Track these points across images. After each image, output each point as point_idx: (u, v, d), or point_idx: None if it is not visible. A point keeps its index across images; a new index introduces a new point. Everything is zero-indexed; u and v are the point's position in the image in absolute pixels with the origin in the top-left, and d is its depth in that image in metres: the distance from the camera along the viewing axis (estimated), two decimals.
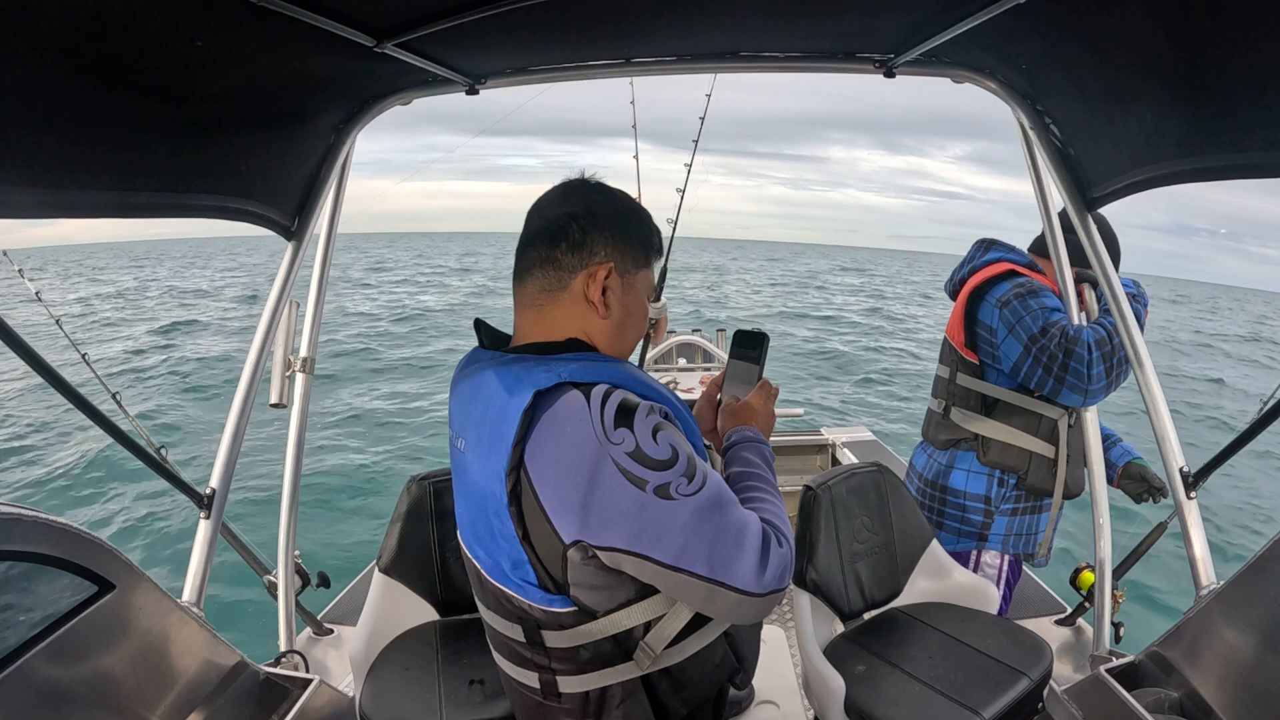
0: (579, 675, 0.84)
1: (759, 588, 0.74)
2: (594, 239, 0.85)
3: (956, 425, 1.79)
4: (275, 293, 1.62)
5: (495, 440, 0.78)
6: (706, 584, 0.73)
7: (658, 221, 0.96)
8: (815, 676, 1.42)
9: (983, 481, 1.77)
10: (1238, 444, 1.37)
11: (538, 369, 0.79)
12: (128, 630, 1.14)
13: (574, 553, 0.76)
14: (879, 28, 1.39)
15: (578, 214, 0.86)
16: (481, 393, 0.84)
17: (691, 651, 0.86)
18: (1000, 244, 1.84)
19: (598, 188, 0.90)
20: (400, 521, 1.61)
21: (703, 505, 0.74)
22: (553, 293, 0.86)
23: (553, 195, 0.90)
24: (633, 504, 0.72)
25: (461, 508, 0.92)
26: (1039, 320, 1.60)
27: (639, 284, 0.91)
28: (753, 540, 0.75)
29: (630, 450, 0.73)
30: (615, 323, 0.88)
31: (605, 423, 0.73)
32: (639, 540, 0.73)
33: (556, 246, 0.85)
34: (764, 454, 0.95)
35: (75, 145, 1.00)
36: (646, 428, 0.74)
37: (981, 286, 1.72)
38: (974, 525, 1.79)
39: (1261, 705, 1.11)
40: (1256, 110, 1.02)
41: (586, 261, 0.85)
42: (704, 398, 1.10)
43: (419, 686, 1.41)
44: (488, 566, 0.86)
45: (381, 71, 1.42)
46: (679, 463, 0.74)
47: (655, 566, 0.74)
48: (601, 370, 0.80)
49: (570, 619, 0.81)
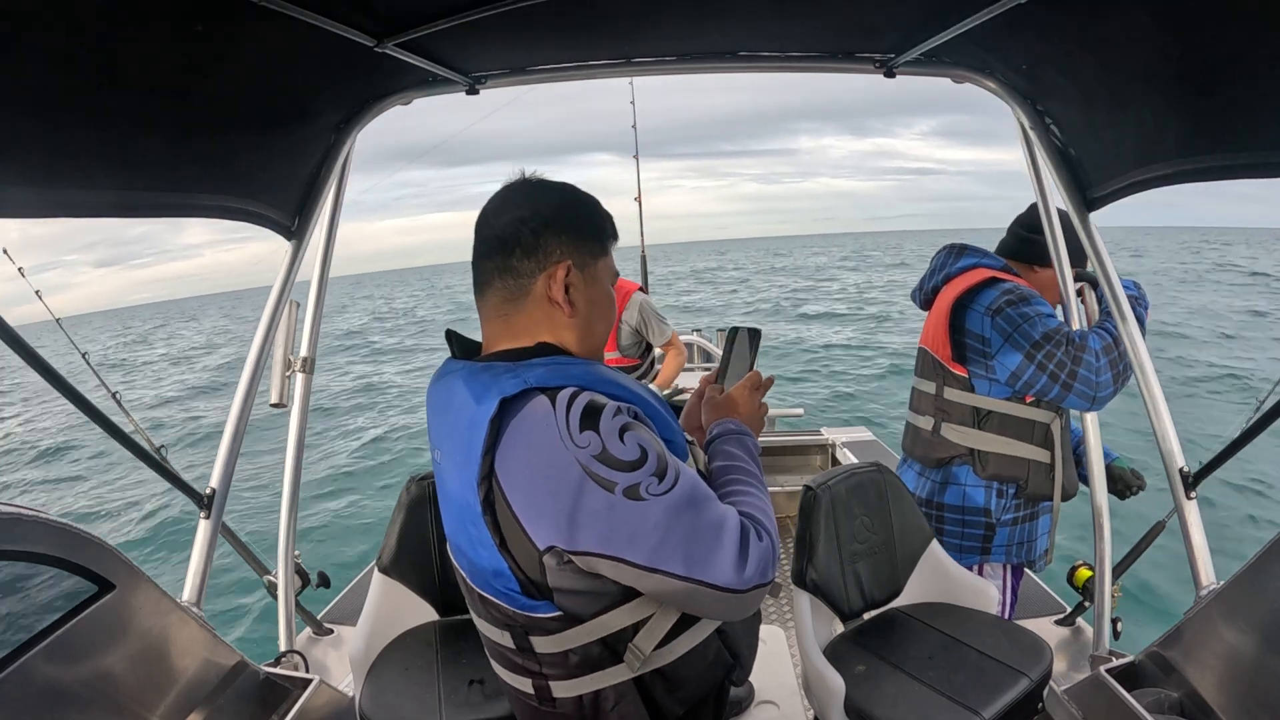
0: (571, 680, 0.84)
1: (740, 583, 0.73)
2: (546, 239, 0.84)
3: (950, 442, 1.75)
4: (275, 293, 1.62)
5: (467, 450, 0.78)
6: (685, 583, 0.73)
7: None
8: (815, 676, 1.42)
9: (980, 494, 1.74)
10: (1237, 444, 1.37)
11: (505, 376, 0.79)
12: (128, 630, 1.14)
13: (549, 558, 0.75)
14: (879, 28, 1.39)
15: (525, 217, 0.84)
16: (452, 403, 0.84)
17: (683, 651, 0.85)
18: (972, 249, 1.79)
19: (539, 185, 0.89)
20: (400, 521, 1.60)
21: (675, 504, 0.73)
22: (515, 300, 0.85)
23: (496, 202, 0.88)
24: (602, 506, 0.72)
25: (446, 518, 0.92)
26: (1038, 327, 1.55)
27: (600, 273, 0.90)
28: (730, 535, 0.74)
29: (597, 453, 0.72)
30: (583, 319, 0.87)
31: (571, 426, 0.73)
32: (611, 543, 0.72)
33: (511, 254, 0.84)
34: (746, 445, 0.94)
35: (77, 145, 1.00)
36: (613, 429, 0.74)
37: (965, 296, 1.67)
38: (975, 540, 1.76)
39: (1261, 705, 1.11)
40: (1256, 110, 1.02)
41: (544, 264, 0.84)
42: (695, 395, 1.09)
43: (419, 686, 1.41)
44: (472, 575, 0.86)
45: (381, 71, 1.42)
46: (648, 462, 0.74)
47: (630, 568, 0.73)
48: (570, 373, 0.80)
49: (556, 624, 0.81)
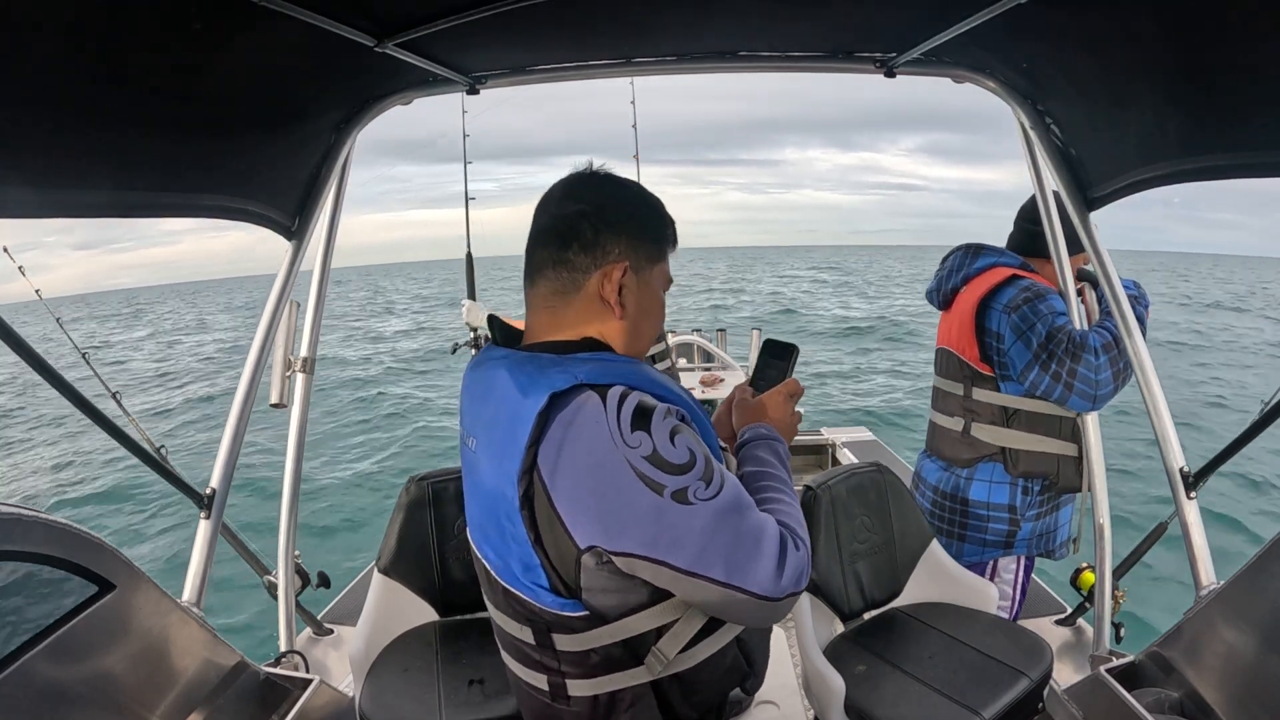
0: (589, 679, 0.83)
1: (776, 592, 0.73)
2: (606, 237, 0.82)
3: (981, 442, 1.75)
4: (275, 293, 1.62)
5: (508, 442, 0.76)
6: (723, 589, 0.72)
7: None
8: (815, 676, 1.42)
9: (1005, 491, 1.74)
10: (1237, 445, 1.37)
11: (553, 369, 0.77)
12: (128, 630, 1.14)
13: (589, 558, 0.74)
14: (879, 28, 1.39)
15: (588, 211, 0.83)
16: (494, 392, 0.82)
17: (703, 657, 0.85)
18: (989, 248, 1.81)
19: (607, 179, 0.87)
20: (399, 522, 1.60)
21: (720, 510, 0.73)
22: (566, 294, 0.84)
23: (561, 189, 0.86)
24: (650, 508, 0.71)
25: (472, 507, 0.90)
26: (1046, 325, 1.58)
27: (655, 279, 0.88)
28: (770, 544, 0.74)
29: (647, 454, 0.71)
30: (631, 322, 0.86)
31: (622, 425, 0.72)
32: (656, 546, 0.72)
33: (568, 247, 0.82)
34: (777, 451, 0.93)
35: (77, 145, 1.00)
36: (664, 430, 0.73)
37: (988, 296, 1.69)
38: (999, 535, 1.77)
39: (1261, 705, 1.11)
40: (1257, 110, 1.02)
41: (600, 261, 0.82)
42: (726, 403, 1.07)
43: (419, 687, 1.41)
44: (498, 568, 0.85)
45: (381, 71, 1.42)
46: (696, 466, 0.73)
47: (672, 572, 0.72)
48: (618, 371, 0.79)
49: (581, 623, 0.80)
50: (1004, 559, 1.82)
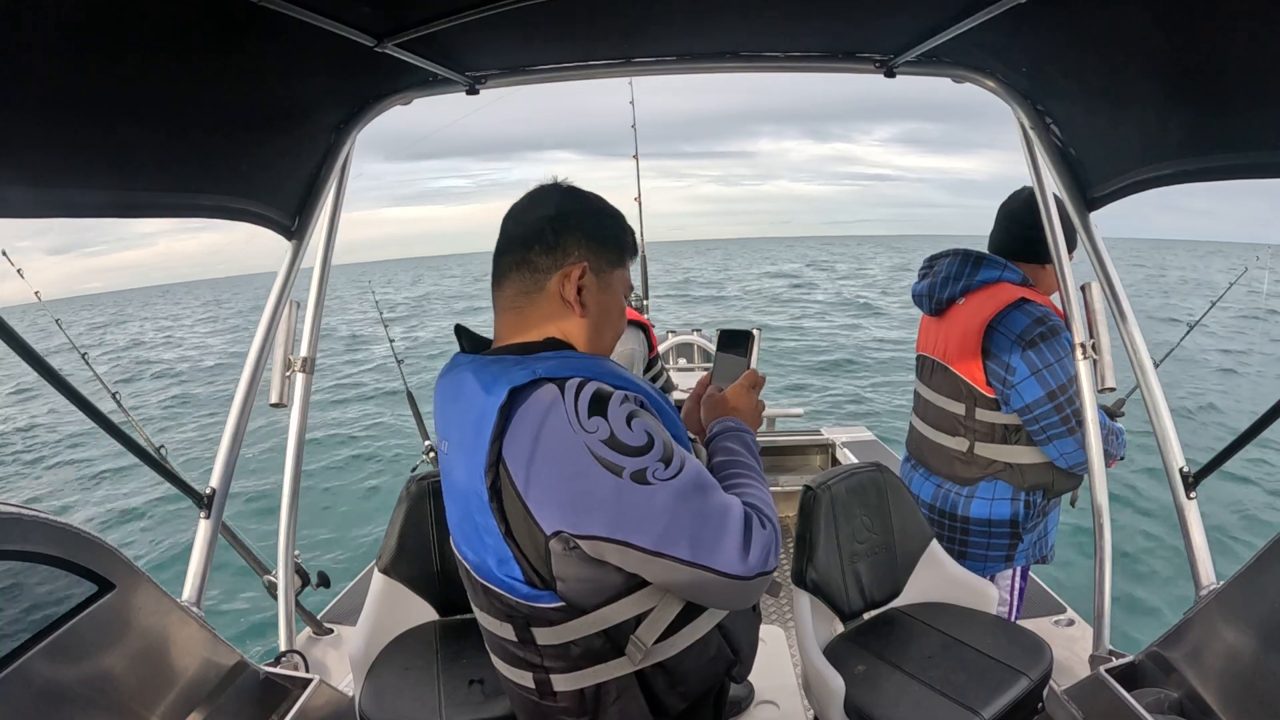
0: (572, 673, 0.85)
1: (745, 570, 0.75)
2: (567, 240, 0.87)
3: (987, 459, 1.75)
4: (275, 293, 1.62)
5: (475, 438, 0.79)
6: (690, 568, 0.74)
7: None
8: (815, 676, 1.42)
9: (1007, 507, 1.74)
10: (1237, 445, 1.37)
11: (515, 368, 0.80)
12: (128, 630, 1.14)
13: (556, 544, 0.76)
14: (879, 28, 1.39)
15: (550, 216, 0.88)
16: (462, 394, 0.85)
17: (685, 644, 0.86)
18: (990, 258, 1.76)
19: (569, 190, 0.92)
20: (400, 522, 1.61)
21: (681, 489, 0.75)
22: (529, 294, 0.88)
23: (526, 201, 0.91)
24: (611, 490, 0.73)
25: (450, 509, 0.93)
26: (1065, 372, 1.60)
27: (615, 283, 0.92)
28: (735, 522, 0.76)
29: (605, 438, 0.74)
30: (592, 322, 0.90)
31: (580, 412, 0.75)
32: (619, 527, 0.74)
33: (530, 249, 0.87)
34: (745, 441, 0.96)
35: (77, 144, 1.00)
36: (620, 415, 0.76)
37: (996, 320, 1.66)
38: (1001, 549, 1.77)
39: (1261, 705, 1.11)
40: (1257, 110, 1.02)
41: (561, 262, 0.87)
42: (692, 397, 1.10)
43: (419, 686, 1.41)
44: (476, 565, 0.87)
45: (381, 71, 1.42)
46: (655, 448, 0.75)
47: (637, 553, 0.74)
48: (576, 366, 0.82)
49: (559, 614, 0.81)
50: (1002, 571, 1.82)
